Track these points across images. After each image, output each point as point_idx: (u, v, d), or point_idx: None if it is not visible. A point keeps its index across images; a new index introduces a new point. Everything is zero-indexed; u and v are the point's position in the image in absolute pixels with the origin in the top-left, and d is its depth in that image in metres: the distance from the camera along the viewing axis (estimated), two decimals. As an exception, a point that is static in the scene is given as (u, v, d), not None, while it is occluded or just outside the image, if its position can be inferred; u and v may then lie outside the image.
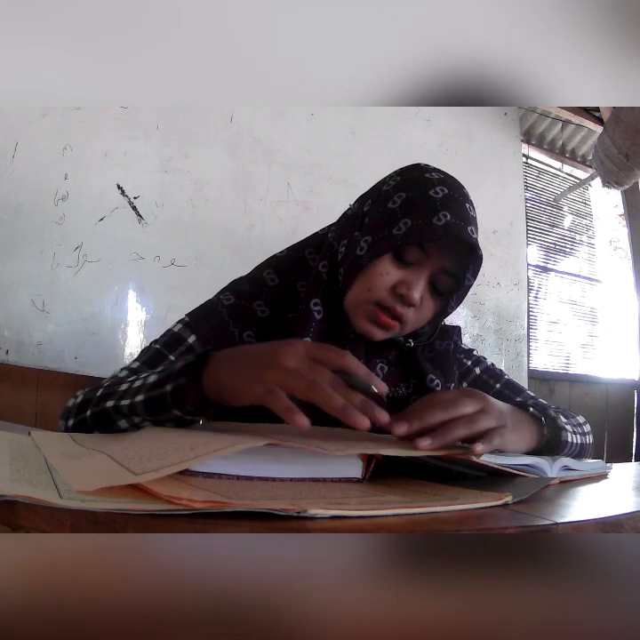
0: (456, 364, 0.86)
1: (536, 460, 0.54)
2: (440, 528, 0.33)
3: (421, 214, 0.70)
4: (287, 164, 2.16)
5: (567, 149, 3.26)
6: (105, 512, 0.29)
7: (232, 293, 0.79)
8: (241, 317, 0.77)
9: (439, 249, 0.72)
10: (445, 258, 0.72)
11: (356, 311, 0.74)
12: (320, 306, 0.75)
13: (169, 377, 0.55)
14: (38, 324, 1.72)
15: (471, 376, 0.88)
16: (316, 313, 0.74)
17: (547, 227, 3.17)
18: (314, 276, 0.77)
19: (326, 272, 0.77)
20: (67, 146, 1.80)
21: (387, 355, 0.80)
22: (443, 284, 0.74)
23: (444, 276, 0.74)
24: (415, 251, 0.71)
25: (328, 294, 0.76)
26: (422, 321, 0.77)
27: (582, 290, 3.29)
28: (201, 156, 2.01)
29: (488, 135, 2.67)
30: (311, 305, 0.74)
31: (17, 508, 0.29)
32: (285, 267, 0.81)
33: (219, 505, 0.31)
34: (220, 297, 0.79)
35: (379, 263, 0.71)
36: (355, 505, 0.35)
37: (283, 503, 0.32)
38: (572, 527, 0.37)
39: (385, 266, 0.72)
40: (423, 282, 0.72)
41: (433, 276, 0.73)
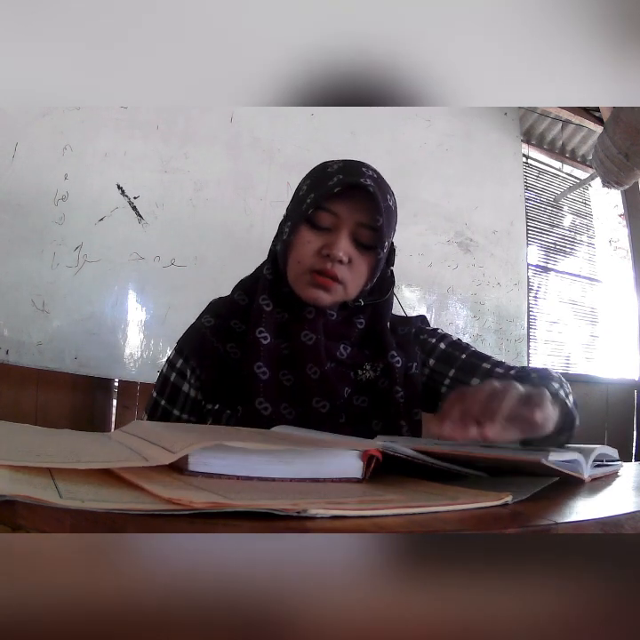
0: (418, 346, 0.91)
1: (577, 456, 0.54)
2: (440, 528, 0.33)
3: (320, 184, 0.81)
4: (287, 163, 2.16)
5: (567, 149, 3.26)
6: (105, 512, 0.29)
7: (211, 315, 0.88)
8: (222, 334, 0.85)
9: (346, 207, 0.80)
10: (355, 213, 0.80)
11: (297, 284, 0.82)
12: (268, 300, 0.83)
13: None
14: (38, 324, 1.72)
15: (436, 351, 0.91)
16: (264, 306, 0.83)
17: (547, 227, 3.17)
18: (262, 280, 0.86)
19: (270, 272, 0.86)
20: (67, 146, 1.80)
21: (349, 335, 0.86)
22: (365, 238, 0.81)
23: (362, 230, 0.81)
24: (325, 215, 0.80)
25: (275, 290, 0.84)
26: (361, 277, 0.83)
27: (582, 290, 3.29)
28: (201, 156, 2.01)
29: (488, 135, 2.67)
30: (260, 300, 0.83)
31: (17, 507, 0.29)
32: (249, 286, 0.90)
33: (219, 505, 0.31)
34: (202, 320, 0.88)
35: (299, 235, 0.81)
36: (355, 505, 0.35)
37: (283, 503, 0.32)
38: (572, 527, 0.37)
39: (305, 236, 0.81)
40: (343, 240, 0.79)
41: (353, 234, 0.81)
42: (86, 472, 0.37)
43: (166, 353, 1.87)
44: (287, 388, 0.80)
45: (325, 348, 0.82)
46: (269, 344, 0.81)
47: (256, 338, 0.81)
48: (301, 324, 0.82)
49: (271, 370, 0.80)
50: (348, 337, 0.85)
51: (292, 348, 0.82)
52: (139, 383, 1.93)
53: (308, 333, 0.81)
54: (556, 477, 0.50)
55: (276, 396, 0.79)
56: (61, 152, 1.79)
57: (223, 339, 0.84)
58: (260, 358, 0.80)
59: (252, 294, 0.87)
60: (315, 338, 0.81)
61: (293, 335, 0.82)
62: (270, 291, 0.84)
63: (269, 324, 0.82)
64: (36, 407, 1.79)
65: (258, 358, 0.80)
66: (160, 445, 0.42)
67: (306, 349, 0.81)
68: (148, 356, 1.86)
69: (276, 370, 0.81)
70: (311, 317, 0.82)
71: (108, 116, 1.87)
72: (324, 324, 0.83)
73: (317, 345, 0.81)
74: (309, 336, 0.81)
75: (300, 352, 0.81)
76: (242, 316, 0.86)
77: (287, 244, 0.82)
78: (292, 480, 0.42)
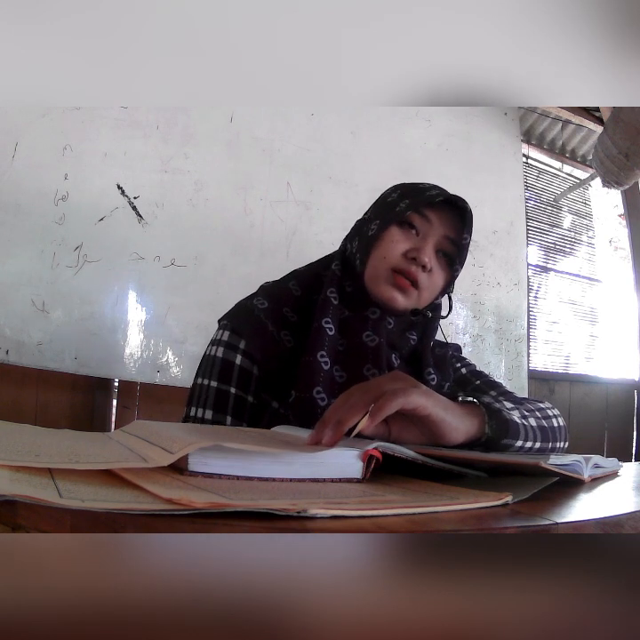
0: (451, 368, 0.93)
1: (576, 458, 0.54)
2: (440, 528, 0.33)
3: (416, 193, 0.84)
4: (287, 163, 2.16)
5: (567, 149, 3.26)
6: (105, 512, 0.29)
7: (264, 298, 0.85)
8: (277, 320, 0.83)
9: (438, 217, 0.82)
10: (445, 225, 0.83)
11: (375, 281, 0.82)
12: (336, 293, 0.83)
13: None
14: (38, 324, 1.72)
15: (457, 374, 0.94)
16: (332, 299, 0.82)
17: (547, 227, 3.17)
18: (329, 274, 0.86)
19: (339, 269, 0.86)
20: (67, 146, 1.80)
21: (401, 347, 0.86)
22: (447, 250, 0.84)
23: (446, 243, 0.83)
24: (418, 219, 0.82)
25: (343, 287, 0.84)
26: (435, 287, 0.85)
27: (582, 290, 3.29)
28: (201, 156, 2.01)
29: (488, 135, 2.67)
30: (328, 293, 0.82)
31: (17, 507, 0.29)
32: (304, 278, 0.89)
33: (219, 505, 0.31)
34: (254, 301, 0.85)
35: (388, 233, 0.82)
36: (355, 505, 0.35)
37: (283, 503, 0.32)
38: (572, 527, 0.37)
39: (394, 235, 0.82)
40: (431, 248, 0.82)
41: (438, 244, 0.83)
42: (86, 472, 0.37)
43: (166, 353, 1.87)
44: (338, 384, 0.79)
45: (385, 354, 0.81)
46: (333, 336, 0.80)
47: (322, 327, 0.80)
48: (364, 324, 0.82)
49: (330, 363, 0.79)
50: (399, 349, 0.85)
51: (350, 345, 0.81)
52: (139, 383, 1.93)
53: (371, 334, 0.81)
54: (556, 477, 0.50)
55: (331, 390, 0.78)
56: (61, 152, 1.79)
57: (278, 324, 0.83)
58: (324, 348, 0.79)
59: (307, 288, 0.86)
60: (377, 340, 0.81)
61: (355, 333, 0.81)
62: (338, 286, 0.84)
63: (334, 318, 0.81)
64: (36, 407, 1.79)
65: (322, 348, 0.79)
66: (159, 446, 0.42)
67: (367, 350, 0.80)
68: (147, 356, 1.86)
69: (332, 364, 0.80)
70: (375, 318, 0.82)
71: (107, 115, 1.87)
72: (386, 330, 0.83)
73: (379, 348, 0.81)
74: (372, 337, 0.81)
75: (359, 351, 0.80)
76: (294, 305, 0.85)
77: (373, 239, 0.82)
78: (291, 480, 0.42)
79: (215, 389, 0.80)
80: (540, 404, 0.79)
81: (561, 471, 0.50)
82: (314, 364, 0.77)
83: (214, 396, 0.79)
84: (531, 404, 0.77)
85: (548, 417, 0.76)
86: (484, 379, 0.93)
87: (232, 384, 0.80)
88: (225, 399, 0.79)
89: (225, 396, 0.79)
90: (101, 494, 0.32)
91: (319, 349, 0.78)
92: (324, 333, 0.79)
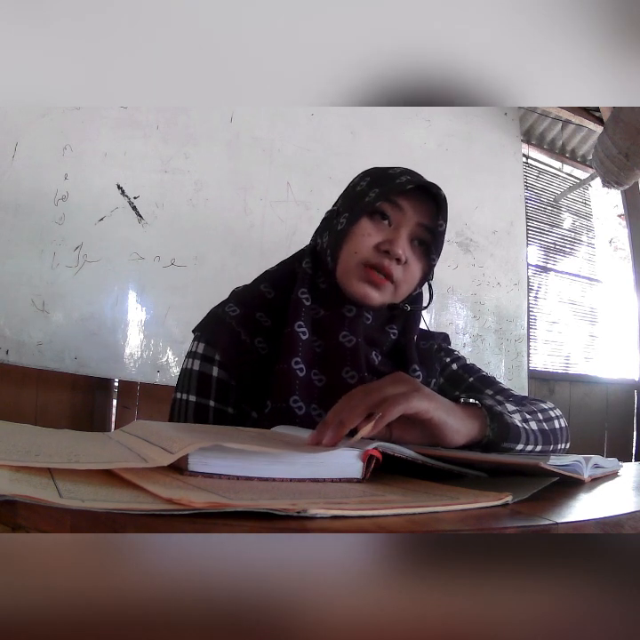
0: (437, 362, 0.90)
1: (576, 458, 0.54)
2: (440, 528, 0.33)
3: (385, 181, 0.79)
4: (287, 163, 2.16)
5: (567, 149, 3.26)
6: (105, 512, 0.29)
7: (235, 304, 0.82)
8: (249, 326, 0.80)
9: (411, 205, 0.78)
10: (419, 213, 0.78)
11: (348, 277, 0.78)
12: (308, 293, 0.79)
13: None
14: (38, 324, 1.72)
15: (447, 370, 0.90)
16: (304, 300, 0.79)
17: (547, 227, 3.17)
18: (300, 273, 0.82)
19: (310, 267, 0.82)
20: (67, 146, 1.80)
21: (381, 342, 0.82)
22: (422, 238, 0.80)
23: (421, 231, 0.79)
24: (390, 208, 0.78)
25: (316, 284, 0.81)
26: (413, 279, 0.81)
27: (582, 290, 3.29)
28: (201, 156, 2.01)
29: (488, 135, 2.67)
30: (299, 294, 0.79)
31: (17, 507, 0.29)
32: (276, 279, 0.85)
33: (219, 505, 0.31)
34: (225, 309, 0.82)
35: (358, 226, 0.77)
36: (355, 505, 0.35)
37: (283, 503, 0.32)
38: (572, 527, 0.37)
39: (365, 227, 0.77)
40: (404, 238, 0.77)
41: (412, 233, 0.79)
42: (86, 472, 0.37)
43: (166, 353, 1.87)
44: (318, 388, 0.76)
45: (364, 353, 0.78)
46: (307, 340, 0.77)
47: (295, 332, 0.76)
48: (341, 323, 0.78)
49: (307, 367, 0.76)
50: (379, 345, 0.82)
51: (327, 347, 0.77)
52: (139, 383, 1.93)
53: (348, 334, 0.77)
54: (556, 477, 0.50)
55: (309, 396, 0.75)
56: (61, 152, 1.79)
57: (251, 332, 0.79)
58: (298, 354, 0.75)
59: (280, 288, 0.82)
60: (355, 340, 0.77)
61: (331, 334, 0.78)
62: (310, 285, 0.80)
63: (307, 319, 0.78)
64: (35, 407, 1.79)
65: (296, 354, 0.75)
66: (159, 446, 0.42)
67: (345, 351, 0.77)
68: (147, 356, 1.86)
69: (309, 368, 0.76)
70: (351, 316, 0.78)
71: (108, 115, 1.87)
72: (363, 325, 0.79)
73: (357, 348, 0.77)
74: (349, 337, 0.77)
75: (337, 353, 0.77)
76: (267, 309, 0.81)
77: (343, 233, 0.78)
78: (291, 480, 0.42)
79: (194, 404, 0.78)
80: (543, 405, 0.78)
81: (561, 471, 0.50)
82: (288, 372, 0.74)
83: (194, 411, 0.77)
84: (533, 406, 0.76)
85: (550, 419, 0.75)
86: (476, 375, 0.89)
87: (211, 397, 0.77)
88: (204, 413, 0.77)
89: (204, 411, 0.77)
90: (101, 494, 0.32)
91: (293, 356, 0.75)
92: (297, 338, 0.76)
